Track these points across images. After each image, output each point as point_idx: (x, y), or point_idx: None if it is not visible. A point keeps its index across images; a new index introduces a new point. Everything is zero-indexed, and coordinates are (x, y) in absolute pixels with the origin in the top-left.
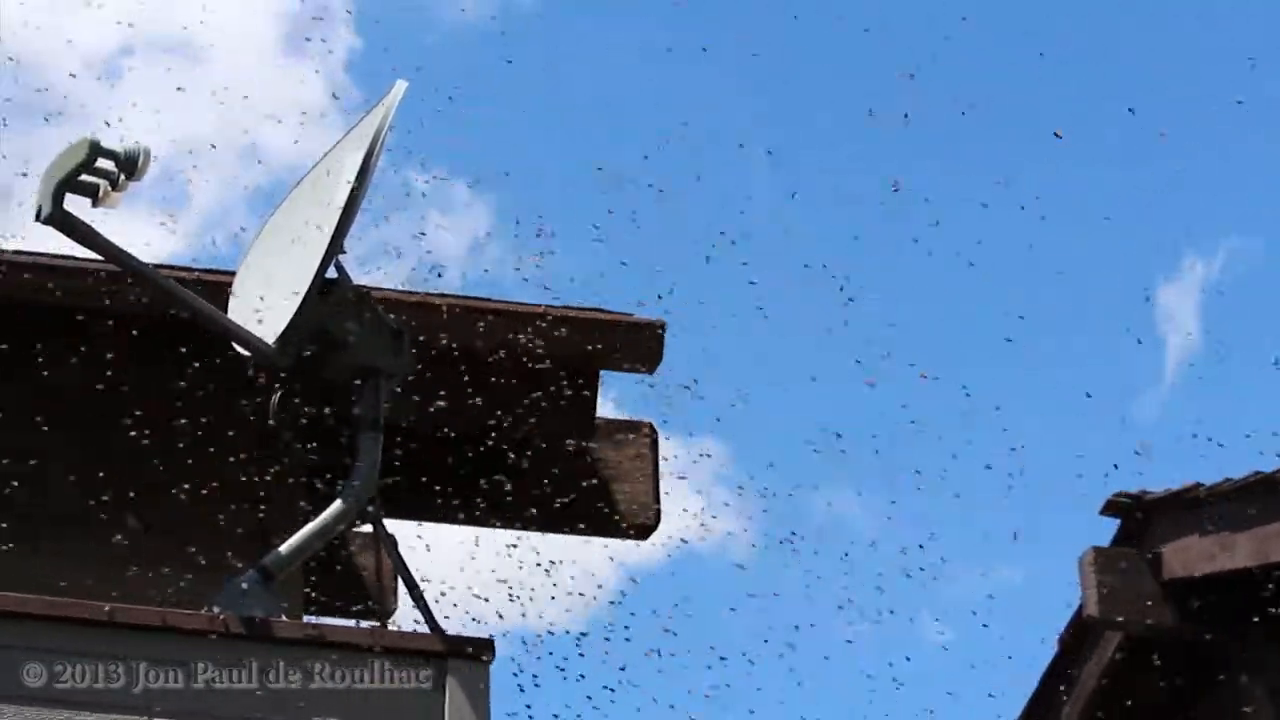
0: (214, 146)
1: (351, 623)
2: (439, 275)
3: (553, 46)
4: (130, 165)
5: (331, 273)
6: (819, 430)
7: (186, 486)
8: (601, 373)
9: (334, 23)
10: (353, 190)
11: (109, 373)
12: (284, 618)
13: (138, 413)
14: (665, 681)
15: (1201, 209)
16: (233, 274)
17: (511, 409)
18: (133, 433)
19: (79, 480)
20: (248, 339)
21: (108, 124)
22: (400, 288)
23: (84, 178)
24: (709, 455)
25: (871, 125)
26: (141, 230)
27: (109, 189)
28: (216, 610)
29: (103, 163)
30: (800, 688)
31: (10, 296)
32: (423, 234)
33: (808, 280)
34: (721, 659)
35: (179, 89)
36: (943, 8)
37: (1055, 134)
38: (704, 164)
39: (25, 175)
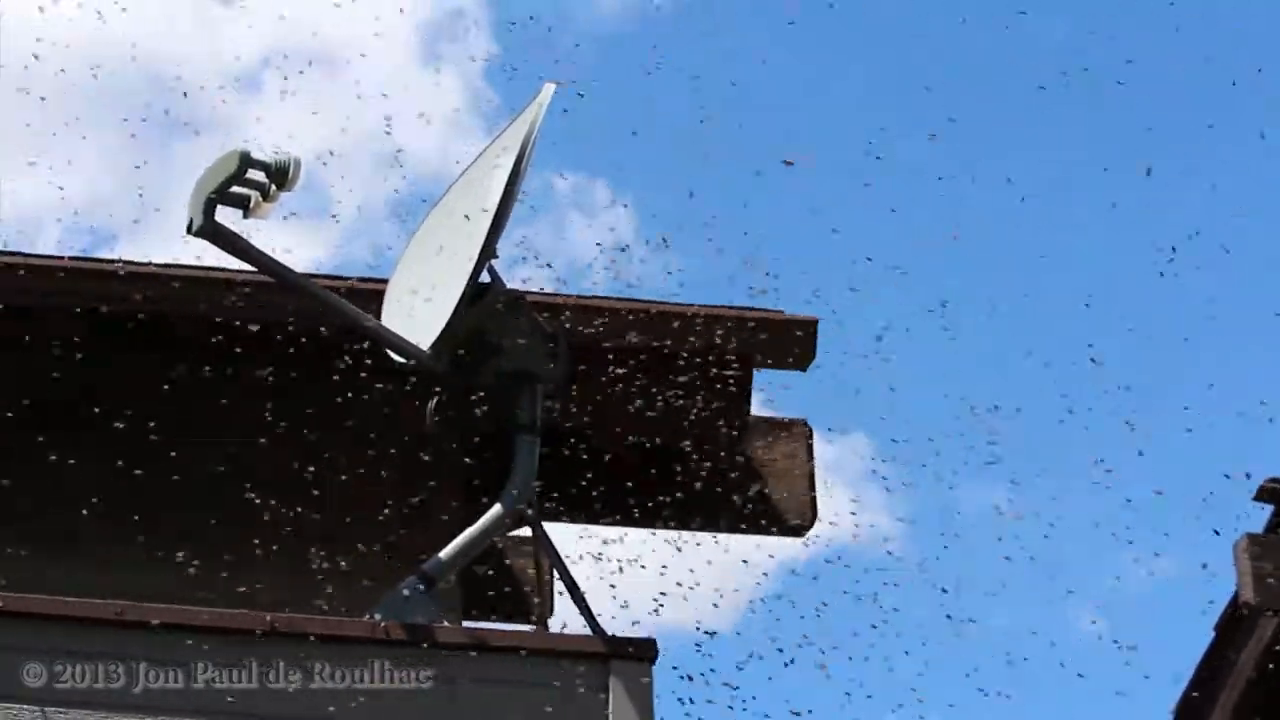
0: (335, 154)
1: (511, 626)
2: (582, 276)
3: (690, 44)
4: (281, 175)
5: (484, 277)
6: (968, 422)
7: (344, 494)
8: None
9: (471, 29)
10: (504, 194)
11: (263, 383)
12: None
13: (293, 423)
14: (818, 678)
15: None
16: (385, 281)
17: (665, 410)
18: (289, 443)
19: (235, 490)
20: (403, 346)
21: (250, 136)
22: (549, 290)
23: (235, 189)
24: (856, 450)
25: (1040, 119)
26: (284, 239)
27: (260, 200)
28: (379, 618)
29: (253, 174)
30: (954, 677)
31: (160, 309)
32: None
33: (962, 272)
34: (890, 674)
35: (318, 99)
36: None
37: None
38: (843, 157)
39: (169, 188)
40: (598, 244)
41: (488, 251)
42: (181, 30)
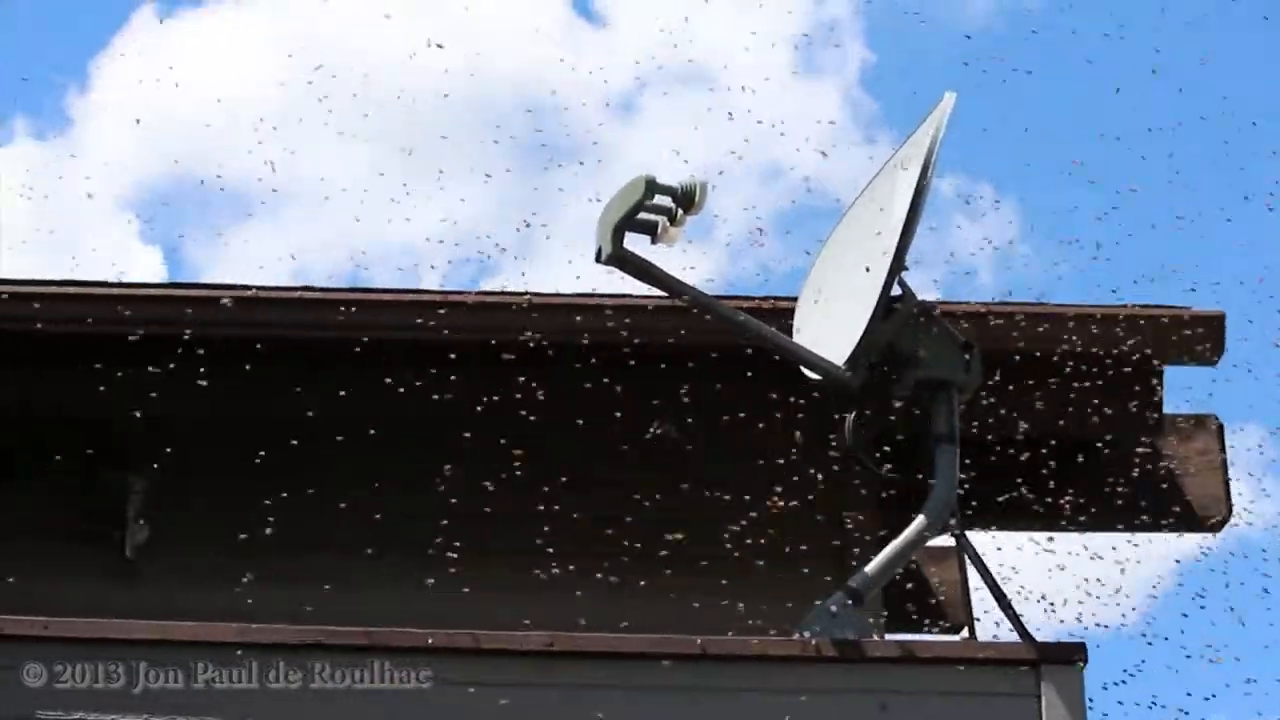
0: (715, 171)
1: (928, 637)
2: (970, 280)
3: (1063, 46)
4: (688, 199)
5: (894, 290)
6: None
7: (763, 512)
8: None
9: (846, 39)
10: (911, 206)
11: (674, 405)
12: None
13: (706, 442)
14: (1232, 672)
15: None
16: (788, 299)
17: (1077, 412)
18: (702, 463)
19: (653, 519)
20: (817, 362)
21: (628, 158)
22: (944, 298)
23: (642, 215)
24: (1251, 442)
25: None
26: (670, 259)
27: (667, 224)
28: (808, 635)
29: (659, 199)
30: None
31: (565, 337)
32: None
33: None
34: None
35: (695, 116)
36: None
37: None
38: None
39: (549, 215)
40: (985, 247)
41: (898, 264)
42: (554, 55)
